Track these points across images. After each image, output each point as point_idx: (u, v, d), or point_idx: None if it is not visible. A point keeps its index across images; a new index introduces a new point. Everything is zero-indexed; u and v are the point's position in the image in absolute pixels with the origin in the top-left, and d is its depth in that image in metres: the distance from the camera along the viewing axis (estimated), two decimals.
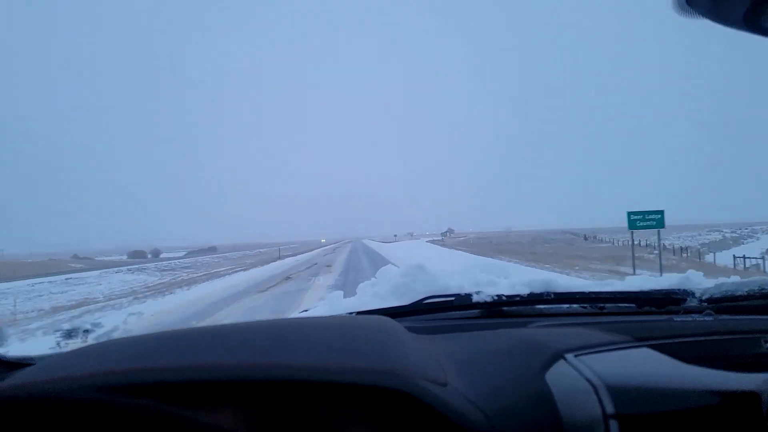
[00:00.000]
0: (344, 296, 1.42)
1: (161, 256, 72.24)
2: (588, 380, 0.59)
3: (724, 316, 0.93)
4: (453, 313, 1.09)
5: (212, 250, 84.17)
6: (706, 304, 1.01)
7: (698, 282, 1.17)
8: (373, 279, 1.46)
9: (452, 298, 1.11)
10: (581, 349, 0.68)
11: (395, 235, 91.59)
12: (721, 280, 1.13)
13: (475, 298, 1.08)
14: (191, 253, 75.27)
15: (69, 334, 1.55)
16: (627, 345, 0.71)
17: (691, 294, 1.05)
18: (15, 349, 0.88)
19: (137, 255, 72.47)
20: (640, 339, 0.73)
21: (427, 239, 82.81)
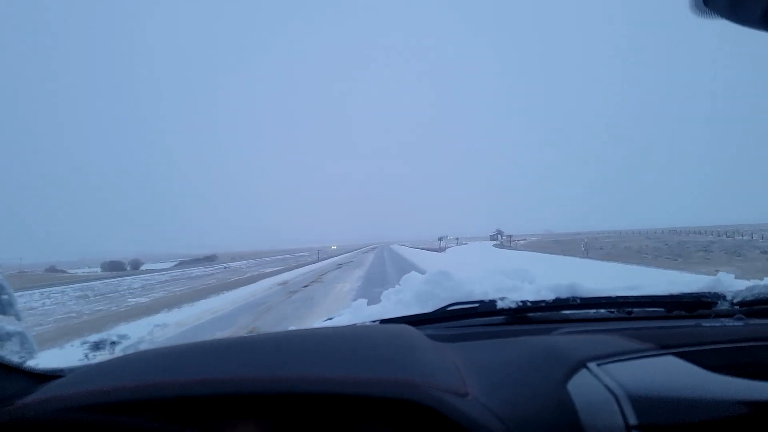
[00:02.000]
0: (368, 304, 1.43)
1: (142, 268, 56.40)
2: (610, 390, 0.58)
3: (756, 321, 0.90)
4: (477, 320, 1.08)
5: (209, 259, 70.21)
6: (737, 307, 0.99)
7: (730, 284, 1.13)
8: (397, 286, 1.47)
9: (476, 305, 1.11)
10: (604, 357, 0.67)
11: (440, 239, 70.06)
12: (754, 282, 1.11)
13: (500, 305, 1.07)
14: (182, 264, 60.39)
15: (97, 346, 1.59)
16: (651, 353, 0.69)
17: (723, 297, 1.02)
18: (45, 360, 0.89)
19: (113, 267, 57.22)
20: (664, 346, 0.71)
21: (469, 243, 68.23)
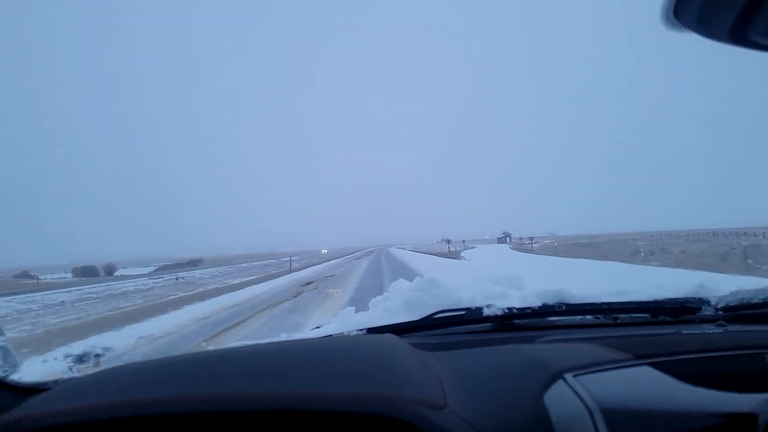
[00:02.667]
0: (356, 312, 1.42)
1: (117, 273, 50.85)
2: (584, 402, 0.58)
3: (737, 326, 0.91)
4: (464, 327, 1.08)
5: (193, 263, 64.25)
6: (721, 312, 1.00)
7: (715, 289, 1.14)
8: (385, 294, 1.46)
9: (463, 312, 1.11)
10: (581, 368, 0.68)
11: (449, 242, 59.15)
12: (738, 287, 1.11)
13: (486, 312, 1.07)
14: (163, 269, 52.37)
15: (81, 359, 1.55)
16: (627, 363, 0.70)
17: (707, 302, 1.03)
18: (30, 373, 0.87)
19: (85, 272, 52.47)
20: (641, 356, 0.71)
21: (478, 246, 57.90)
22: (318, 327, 1.41)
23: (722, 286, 1.15)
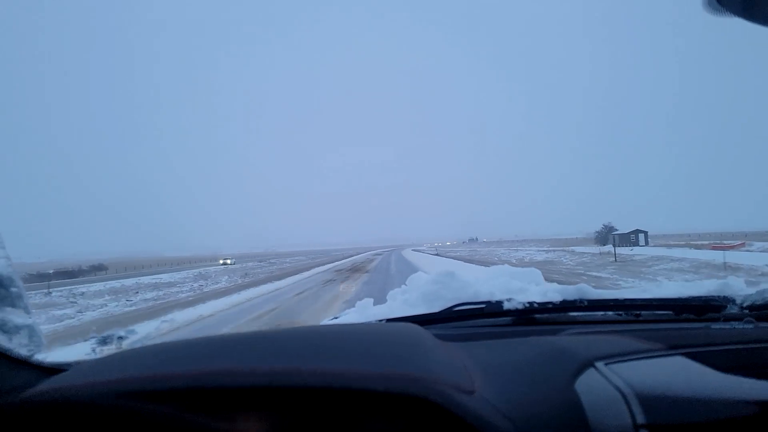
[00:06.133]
0: (374, 303, 1.43)
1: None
2: (618, 389, 0.58)
3: (766, 324, 0.90)
4: (483, 320, 1.08)
5: (98, 269, 52.80)
6: (747, 311, 0.98)
7: (739, 288, 1.13)
8: (403, 286, 1.47)
9: (483, 306, 1.11)
10: (612, 357, 0.67)
11: (437, 245, 60.32)
12: (763, 286, 1.10)
13: (506, 306, 1.07)
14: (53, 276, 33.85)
15: (104, 341, 1.60)
16: (660, 353, 0.69)
17: (732, 301, 1.02)
18: (54, 355, 0.90)
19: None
20: (673, 347, 0.71)
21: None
22: (335, 317, 1.43)
23: (745, 287, 1.13)
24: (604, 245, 44.46)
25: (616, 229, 51.03)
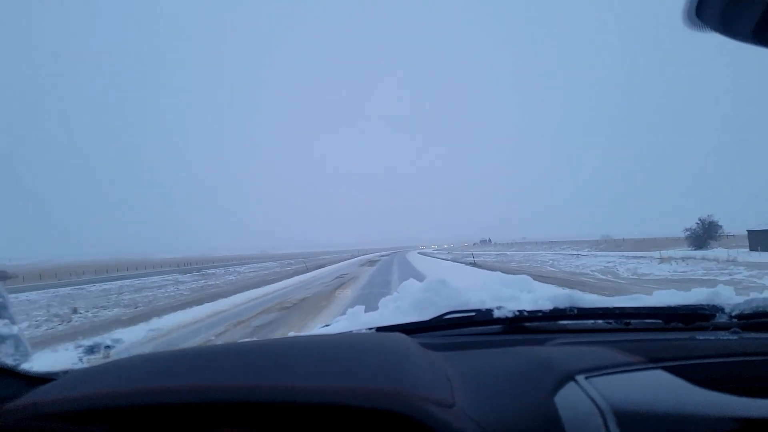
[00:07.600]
0: (365, 311, 1.42)
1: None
2: (596, 404, 0.58)
3: (752, 334, 0.90)
4: (473, 328, 1.08)
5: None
6: (735, 320, 0.99)
7: (728, 297, 1.13)
8: (395, 293, 1.47)
9: (473, 314, 1.11)
10: (593, 370, 0.67)
11: (446, 247, 55.10)
12: (753, 295, 1.10)
13: (496, 314, 1.07)
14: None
15: (91, 350, 1.57)
16: (639, 367, 0.69)
17: (721, 310, 1.03)
18: (40, 363, 0.88)
19: None
20: (654, 360, 0.71)
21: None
22: (327, 325, 1.42)
23: (734, 296, 1.14)
24: (700, 248, 31.93)
25: (720, 226, 33.97)
